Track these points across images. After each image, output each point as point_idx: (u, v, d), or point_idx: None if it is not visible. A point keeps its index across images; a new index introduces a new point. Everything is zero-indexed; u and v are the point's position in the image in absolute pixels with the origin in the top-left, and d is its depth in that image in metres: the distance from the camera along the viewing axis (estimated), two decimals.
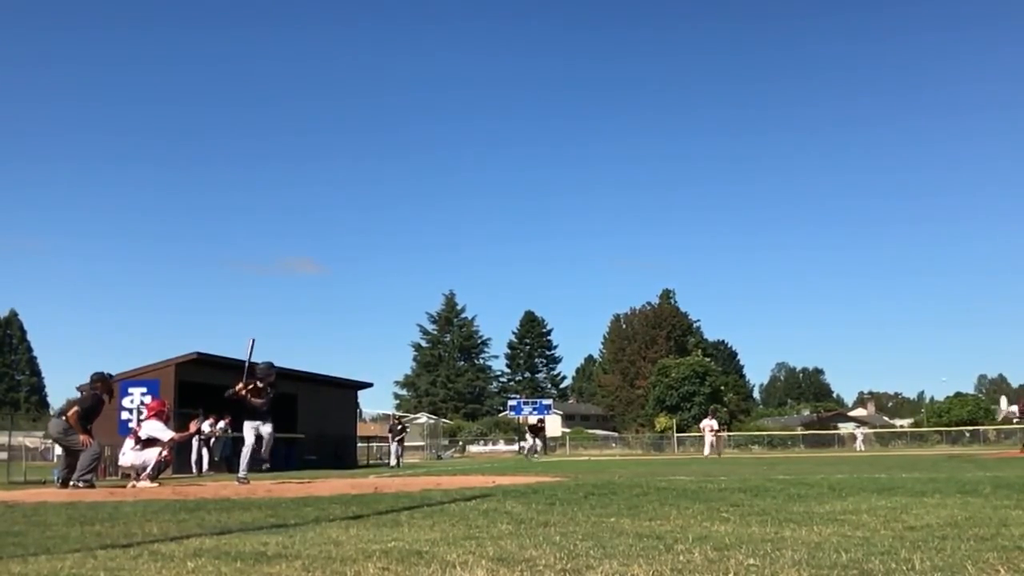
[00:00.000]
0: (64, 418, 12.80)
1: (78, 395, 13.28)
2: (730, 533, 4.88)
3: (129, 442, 12.96)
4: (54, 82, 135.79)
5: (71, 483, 12.17)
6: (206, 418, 23.81)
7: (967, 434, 58.53)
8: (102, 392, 13.08)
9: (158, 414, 13.22)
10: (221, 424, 24.42)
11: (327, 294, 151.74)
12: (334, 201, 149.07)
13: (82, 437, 12.50)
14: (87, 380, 13.40)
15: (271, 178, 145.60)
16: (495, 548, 4.27)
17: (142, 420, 13.12)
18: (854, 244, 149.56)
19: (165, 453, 12.72)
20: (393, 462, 31.38)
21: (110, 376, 13.45)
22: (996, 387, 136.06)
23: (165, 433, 12.82)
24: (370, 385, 35.65)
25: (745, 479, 11.08)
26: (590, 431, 79.67)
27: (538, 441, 39.84)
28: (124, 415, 20.90)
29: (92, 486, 12.45)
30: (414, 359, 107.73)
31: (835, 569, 3.52)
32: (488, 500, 7.62)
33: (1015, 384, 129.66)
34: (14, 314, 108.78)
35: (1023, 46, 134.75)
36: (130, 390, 18.12)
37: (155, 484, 12.42)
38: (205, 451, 23.66)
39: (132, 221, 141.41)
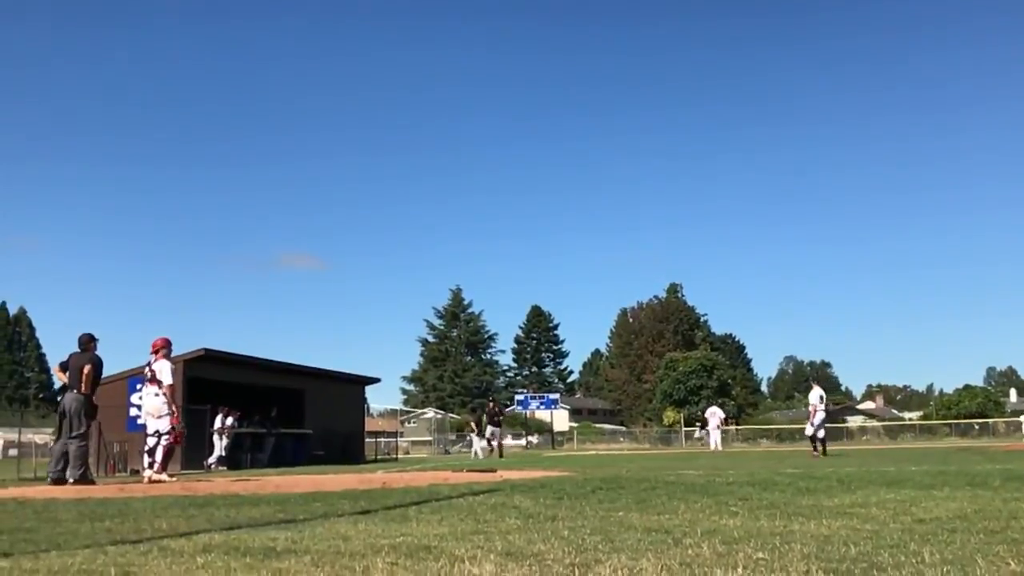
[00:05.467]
0: (83, 373, 12.33)
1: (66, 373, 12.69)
2: (739, 527, 4.88)
3: (150, 388, 12.80)
4: (57, 81, 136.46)
5: (68, 480, 12.10)
6: (215, 413, 23.88)
7: (976, 426, 58.32)
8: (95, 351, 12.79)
9: (167, 352, 13.04)
10: (230, 420, 24.48)
11: (333, 290, 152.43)
12: (339, 197, 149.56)
13: (87, 394, 12.38)
14: (79, 348, 12.76)
15: (274, 175, 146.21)
16: (503, 543, 4.27)
17: (152, 364, 12.94)
18: (862, 237, 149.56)
19: (171, 439, 12.71)
20: (480, 454, 30.38)
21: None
22: (1005, 379, 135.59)
23: (168, 376, 12.73)
24: (377, 380, 35.62)
25: (753, 473, 11.07)
26: (597, 425, 79.69)
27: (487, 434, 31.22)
28: (133, 411, 20.95)
29: (92, 481, 12.42)
30: (421, 354, 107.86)
31: (844, 562, 3.52)
32: (496, 495, 7.62)
33: None
34: (23, 311, 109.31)
35: None
36: (139, 387, 18.11)
37: (171, 479, 12.46)
38: (217, 446, 23.71)
39: (137, 220, 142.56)
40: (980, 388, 79.14)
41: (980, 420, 60.12)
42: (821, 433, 20.32)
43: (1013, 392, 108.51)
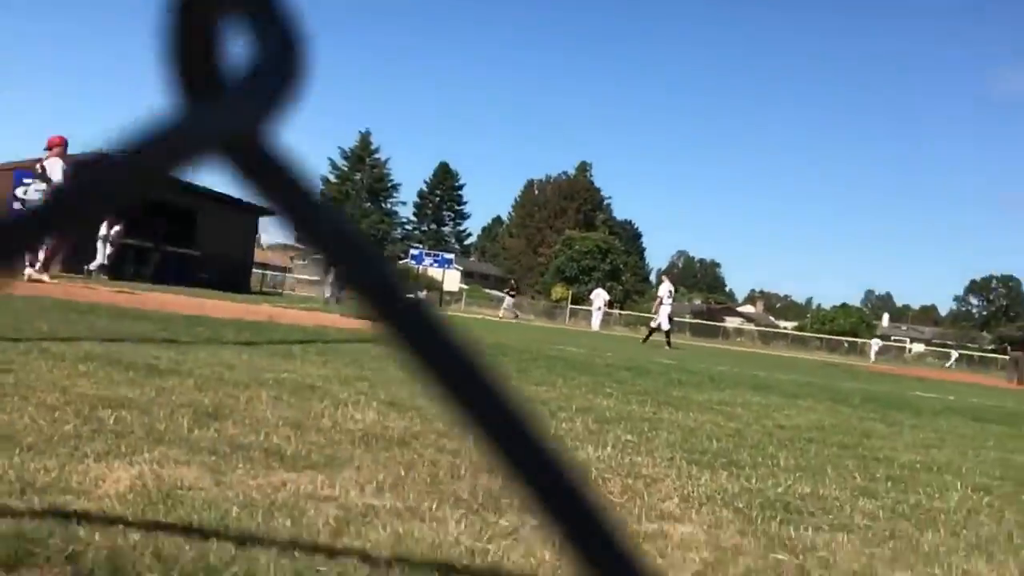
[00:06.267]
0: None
1: None
2: (611, 408, 5.07)
3: (39, 186, 12.84)
4: None
5: None
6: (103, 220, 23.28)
7: (846, 344, 60.78)
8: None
9: (62, 151, 12.85)
10: (116, 228, 23.89)
11: None
12: None
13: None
14: None
15: None
16: (386, 392, 4.35)
17: (44, 160, 12.68)
18: (771, 142, 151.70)
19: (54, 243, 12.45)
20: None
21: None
22: (882, 303, 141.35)
23: (57, 174, 12.49)
24: (272, 212, 35.04)
25: (631, 358, 11.43)
26: (487, 291, 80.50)
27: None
28: (16, 206, 20.26)
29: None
30: (320, 192, 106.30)
31: (706, 455, 3.71)
32: (382, 344, 7.69)
33: (899, 304, 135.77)
34: None
35: None
36: (25, 180, 17.36)
37: (51, 280, 12.22)
38: (100, 253, 23.16)
39: None
40: (856, 308, 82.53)
41: (851, 339, 62.68)
42: (666, 325, 21.38)
43: (886, 317, 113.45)
